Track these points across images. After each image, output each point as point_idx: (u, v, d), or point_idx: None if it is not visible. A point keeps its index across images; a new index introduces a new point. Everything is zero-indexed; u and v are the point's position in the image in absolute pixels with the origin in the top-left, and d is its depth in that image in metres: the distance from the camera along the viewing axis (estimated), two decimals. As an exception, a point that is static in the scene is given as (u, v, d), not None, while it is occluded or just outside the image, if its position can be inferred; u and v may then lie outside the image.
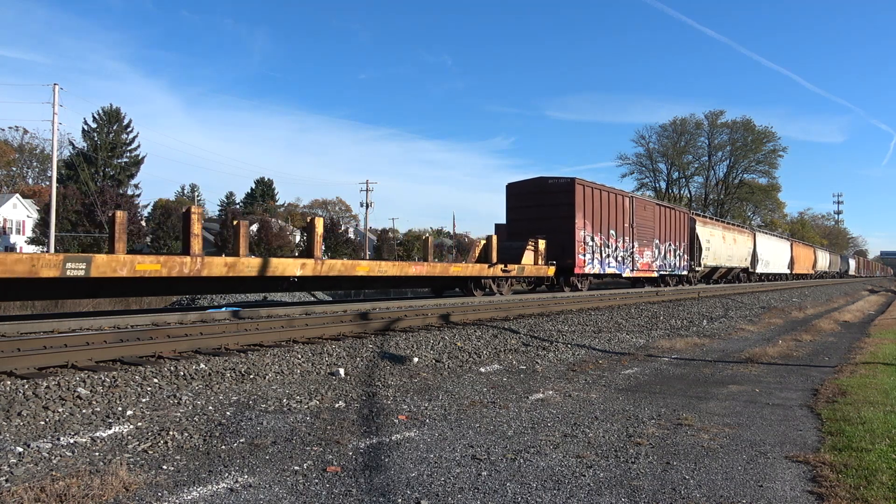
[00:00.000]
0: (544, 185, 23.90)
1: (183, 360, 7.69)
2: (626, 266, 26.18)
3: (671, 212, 31.00)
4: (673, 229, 30.58)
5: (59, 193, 49.12)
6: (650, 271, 28.35)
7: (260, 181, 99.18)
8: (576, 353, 10.88)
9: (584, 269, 23.29)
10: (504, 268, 19.67)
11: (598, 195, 24.24)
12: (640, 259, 27.14)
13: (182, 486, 4.12)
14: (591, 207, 23.74)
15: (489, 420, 6.05)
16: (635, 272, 26.98)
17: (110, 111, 65.97)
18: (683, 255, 31.76)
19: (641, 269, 27.45)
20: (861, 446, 5.22)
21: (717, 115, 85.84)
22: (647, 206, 28.67)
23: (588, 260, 23.49)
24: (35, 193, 74.82)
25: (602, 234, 24.37)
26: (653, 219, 28.51)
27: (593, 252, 23.83)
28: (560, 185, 23.37)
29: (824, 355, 11.40)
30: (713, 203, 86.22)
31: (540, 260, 21.80)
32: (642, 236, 27.41)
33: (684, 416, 6.30)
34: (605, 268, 24.60)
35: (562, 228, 22.60)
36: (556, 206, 22.96)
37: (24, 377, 6.52)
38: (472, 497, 4.05)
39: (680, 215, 31.95)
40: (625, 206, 26.23)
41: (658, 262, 28.99)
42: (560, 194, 23.07)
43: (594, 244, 23.89)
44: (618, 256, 25.48)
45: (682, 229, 31.67)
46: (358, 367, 8.44)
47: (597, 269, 24.11)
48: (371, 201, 75.97)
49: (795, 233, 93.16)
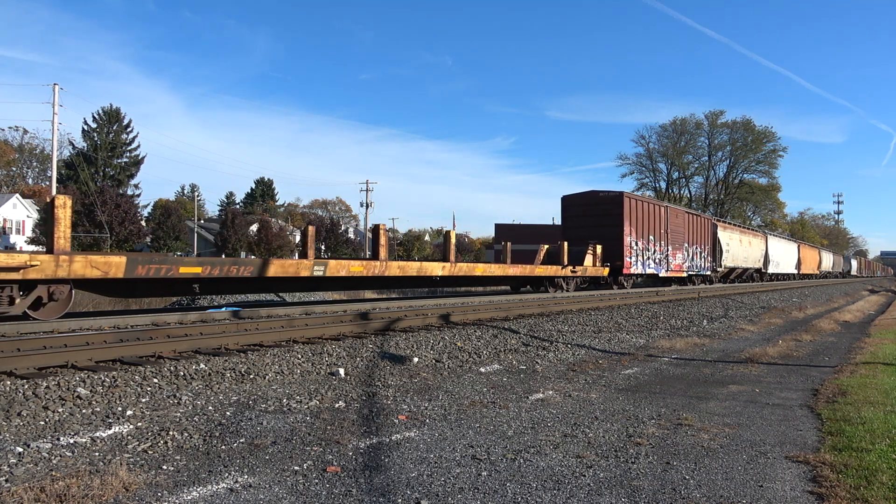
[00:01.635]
0: (596, 197, 27.36)
1: (183, 360, 7.69)
2: (661, 267, 29.49)
3: (697, 218, 34.70)
4: (699, 234, 34.19)
5: (59, 193, 49.08)
6: (681, 271, 31.78)
7: (260, 181, 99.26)
8: (576, 353, 10.88)
9: (630, 270, 26.48)
10: (573, 269, 23.41)
11: (640, 206, 27.78)
12: (673, 261, 30.64)
13: (182, 486, 4.12)
14: (635, 216, 27.00)
15: (489, 420, 6.05)
16: (669, 272, 30.34)
17: (110, 111, 66.01)
18: (707, 256, 35.28)
19: (674, 270, 30.96)
20: (861, 446, 5.22)
21: (717, 115, 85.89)
22: (679, 214, 32.24)
23: (633, 262, 26.74)
24: (35, 193, 74.78)
25: (643, 239, 27.68)
26: (683, 225, 31.99)
27: (637, 255, 27.06)
28: (610, 197, 26.91)
29: (824, 355, 11.40)
30: (713, 203, 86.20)
31: (597, 262, 25.13)
32: (675, 241, 30.92)
33: (684, 416, 6.30)
34: (646, 269, 27.82)
35: (611, 235, 25.78)
36: (607, 215, 26.16)
37: (24, 377, 6.51)
38: (472, 497, 4.05)
39: (704, 221, 35.64)
40: (661, 214, 29.64)
41: (687, 263, 32.49)
42: (610, 205, 26.50)
43: (637, 248, 27.16)
44: (656, 259, 28.83)
45: (706, 234, 35.19)
46: (358, 367, 8.44)
47: (640, 270, 27.36)
48: (371, 201, 76.04)
49: (795, 233, 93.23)
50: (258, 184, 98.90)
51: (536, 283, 23.43)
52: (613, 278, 26.19)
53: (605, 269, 25.39)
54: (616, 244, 25.82)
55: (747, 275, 43.90)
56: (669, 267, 30.25)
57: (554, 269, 22.59)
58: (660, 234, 29.25)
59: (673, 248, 30.58)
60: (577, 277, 24.11)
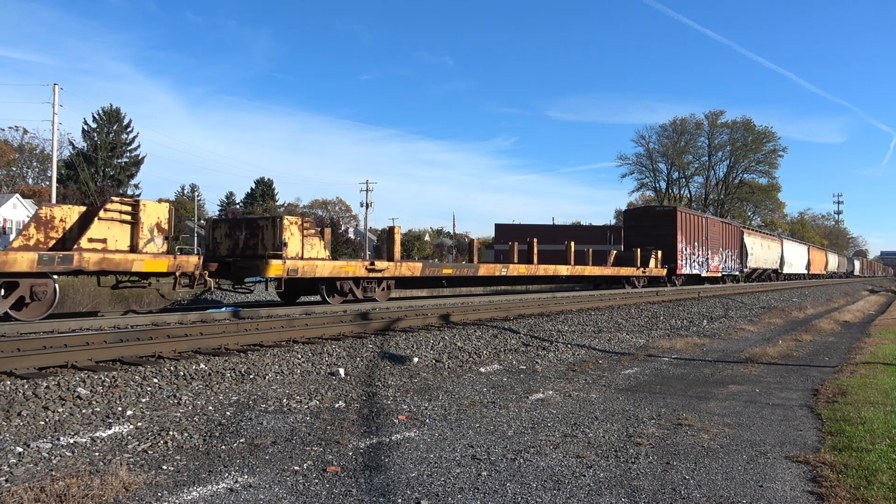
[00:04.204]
0: (652, 211, 35.39)
1: (183, 360, 7.68)
2: (703, 268, 35.37)
3: (729, 226, 41.18)
4: (729, 239, 40.08)
5: (59, 193, 49.13)
6: (717, 272, 37.54)
7: (260, 181, 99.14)
8: (576, 353, 10.88)
9: (681, 271, 32.27)
10: (643, 270, 28.60)
11: (688, 217, 34.14)
12: (711, 263, 36.69)
13: (182, 486, 4.12)
14: (684, 226, 32.93)
15: (489, 420, 6.05)
16: (708, 273, 36.14)
17: (110, 111, 66.02)
18: (736, 259, 41.18)
19: (712, 271, 36.84)
20: (861, 446, 5.22)
21: (717, 115, 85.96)
22: (715, 223, 38.47)
23: (684, 264, 32.59)
24: (35, 193, 74.69)
25: (690, 245, 33.57)
26: (718, 232, 38.00)
27: (686, 258, 32.93)
28: (665, 211, 34.15)
29: (824, 355, 11.39)
30: (713, 203, 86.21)
31: (658, 265, 30.24)
32: (713, 246, 36.81)
33: (684, 416, 6.30)
34: (692, 269, 33.72)
35: (666, 242, 31.36)
36: (662, 225, 32.01)
37: (24, 377, 6.51)
38: (472, 497, 4.05)
39: (734, 228, 41.93)
40: (702, 224, 35.75)
41: (722, 265, 38.35)
42: (665, 217, 32.63)
43: (686, 253, 33.06)
44: (699, 261, 34.88)
45: (735, 239, 41.11)
46: (358, 367, 8.44)
47: (688, 271, 33.24)
48: (371, 201, 76.04)
49: (795, 233, 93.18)
50: (258, 184, 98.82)
51: (616, 282, 28.15)
52: (667, 278, 31.26)
53: (664, 270, 30.58)
54: (671, 249, 31.30)
55: (766, 275, 48.88)
56: (709, 268, 36.13)
57: (631, 270, 27.80)
58: (702, 240, 35.13)
59: (711, 252, 36.45)
60: (645, 276, 29.23)
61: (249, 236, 14.18)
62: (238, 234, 14.41)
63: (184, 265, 11.87)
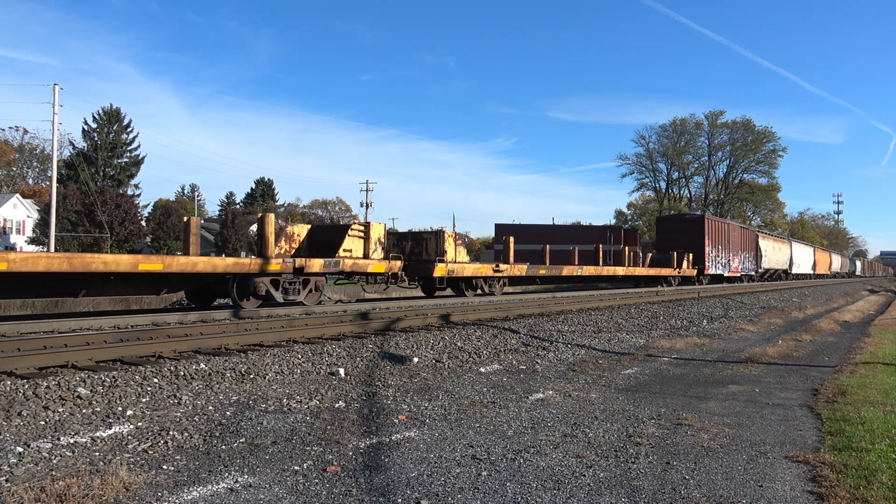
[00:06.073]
0: (682, 218, 41.12)
1: (183, 360, 7.69)
2: (726, 269, 39.57)
3: (746, 230, 46.10)
4: (747, 242, 44.52)
5: (60, 193, 49.10)
6: (737, 272, 41.75)
7: (260, 181, 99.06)
8: (576, 353, 10.88)
9: (708, 271, 36.63)
10: (679, 270, 32.79)
11: (713, 223, 38.51)
12: (732, 264, 41.02)
13: (182, 486, 4.12)
14: (710, 231, 37.19)
15: (489, 420, 6.05)
16: (730, 273, 40.28)
17: (110, 111, 65.91)
18: (752, 260, 45.53)
19: (733, 271, 41.04)
20: (861, 446, 5.22)
21: (717, 115, 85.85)
22: (735, 228, 42.99)
23: (710, 265, 36.92)
24: (35, 193, 74.80)
25: (715, 248, 37.80)
26: (738, 236, 42.52)
27: (712, 260, 37.31)
28: (694, 218, 39.47)
29: (824, 355, 11.40)
30: (713, 203, 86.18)
31: (690, 266, 34.37)
32: (733, 248, 41.07)
33: (684, 416, 6.30)
34: (716, 270, 37.93)
35: (695, 246, 35.80)
36: (691, 231, 36.53)
37: (24, 377, 6.52)
38: (472, 497, 4.05)
39: (750, 232, 46.67)
40: (725, 228, 40.02)
41: (741, 265, 42.64)
42: (694, 224, 37.44)
43: (713, 255, 37.35)
44: (723, 263, 39.18)
45: (751, 242, 45.52)
46: (358, 367, 8.44)
47: (713, 271, 37.32)
48: (371, 201, 76.04)
49: (795, 233, 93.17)
50: (258, 184, 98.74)
51: (655, 282, 31.68)
52: (696, 277, 35.41)
53: (694, 270, 34.75)
54: (699, 252, 35.63)
55: (776, 275, 52.66)
56: (730, 269, 40.31)
57: (669, 271, 32.03)
58: (725, 243, 39.39)
59: (732, 254, 40.77)
60: (680, 276, 33.33)
61: (415, 245, 18.63)
62: (405, 243, 18.83)
63: (393, 267, 16.64)
